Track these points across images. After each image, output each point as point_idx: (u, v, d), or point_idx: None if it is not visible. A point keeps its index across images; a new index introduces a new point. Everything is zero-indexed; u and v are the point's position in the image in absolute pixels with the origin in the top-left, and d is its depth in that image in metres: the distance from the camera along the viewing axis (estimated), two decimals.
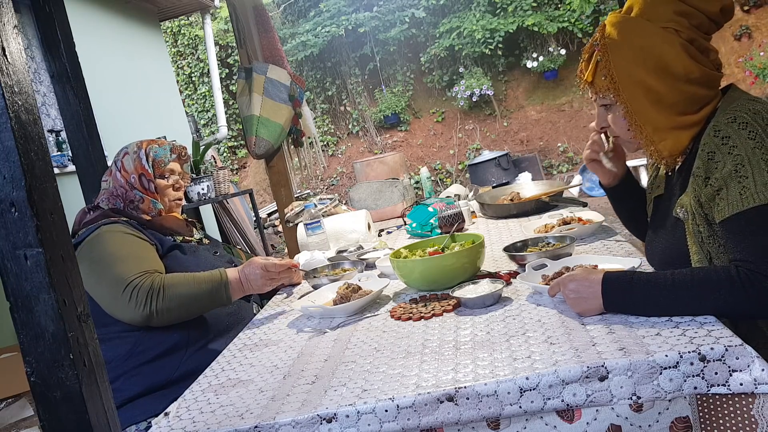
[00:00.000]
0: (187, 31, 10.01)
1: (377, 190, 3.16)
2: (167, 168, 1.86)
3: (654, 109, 1.21)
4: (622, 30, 1.22)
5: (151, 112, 5.11)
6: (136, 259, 1.61)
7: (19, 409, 2.99)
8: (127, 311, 1.54)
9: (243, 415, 1.06)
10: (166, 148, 1.87)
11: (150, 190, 1.81)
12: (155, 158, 1.83)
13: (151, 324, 1.56)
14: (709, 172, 1.12)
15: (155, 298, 1.53)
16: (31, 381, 0.92)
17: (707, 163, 1.13)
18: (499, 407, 0.97)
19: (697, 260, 1.19)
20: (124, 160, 1.82)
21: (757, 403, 0.93)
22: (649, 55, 1.19)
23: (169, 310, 1.55)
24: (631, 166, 7.11)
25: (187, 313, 1.60)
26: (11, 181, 0.87)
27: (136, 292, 1.52)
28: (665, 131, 1.22)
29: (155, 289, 1.54)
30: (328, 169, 9.47)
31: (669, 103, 1.20)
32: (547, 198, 2.32)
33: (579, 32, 8.54)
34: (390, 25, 9.26)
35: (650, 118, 1.22)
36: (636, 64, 1.20)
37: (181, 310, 1.57)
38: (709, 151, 1.12)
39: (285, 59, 3.56)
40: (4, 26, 0.88)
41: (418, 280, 1.55)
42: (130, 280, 1.54)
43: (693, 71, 1.18)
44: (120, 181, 1.80)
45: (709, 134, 1.13)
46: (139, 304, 1.52)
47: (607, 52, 1.23)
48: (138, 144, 1.85)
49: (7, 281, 0.89)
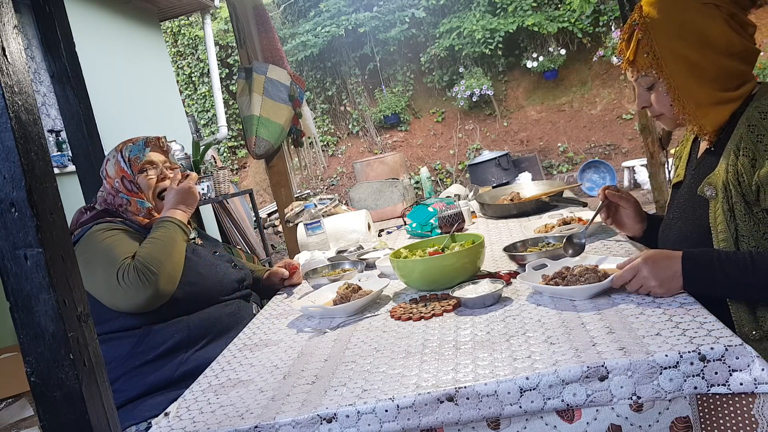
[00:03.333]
0: (187, 31, 10.01)
1: (377, 190, 3.16)
2: (145, 161, 1.80)
3: (696, 83, 1.24)
4: (663, 7, 1.25)
5: (151, 112, 5.11)
6: (123, 248, 1.61)
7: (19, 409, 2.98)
8: (130, 302, 1.54)
9: (243, 415, 1.06)
10: (140, 143, 1.82)
11: (133, 190, 1.78)
12: (130, 157, 1.79)
13: (159, 299, 1.56)
14: (758, 153, 1.16)
15: (145, 276, 1.53)
16: (31, 381, 0.92)
17: (756, 144, 1.16)
18: (499, 407, 0.97)
19: (722, 239, 1.21)
20: (107, 168, 1.80)
21: (757, 402, 0.93)
22: (690, 30, 1.22)
23: (160, 275, 1.55)
24: (631, 166, 7.12)
25: (176, 266, 1.62)
26: (11, 181, 0.87)
27: (128, 282, 1.52)
28: (707, 106, 1.25)
29: (138, 269, 1.54)
30: (328, 169, 9.47)
31: (711, 77, 1.23)
32: (547, 198, 2.32)
33: (579, 32, 8.54)
34: (390, 25, 9.26)
35: (693, 93, 1.25)
36: (678, 39, 1.23)
37: (169, 269, 1.59)
38: (758, 133, 1.16)
39: (285, 59, 3.56)
40: (4, 26, 0.88)
41: (418, 280, 1.55)
42: (117, 269, 1.54)
43: (735, 44, 1.21)
44: (107, 188, 1.79)
45: (754, 115, 1.18)
46: (138, 290, 1.52)
47: (648, 30, 1.25)
48: (116, 148, 1.82)
49: (7, 281, 0.89)
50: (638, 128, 4.40)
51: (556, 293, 1.30)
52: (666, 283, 1.16)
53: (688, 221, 1.32)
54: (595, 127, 8.42)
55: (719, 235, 1.22)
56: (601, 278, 1.26)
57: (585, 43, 8.66)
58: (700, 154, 1.37)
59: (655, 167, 3.87)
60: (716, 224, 1.22)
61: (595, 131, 8.39)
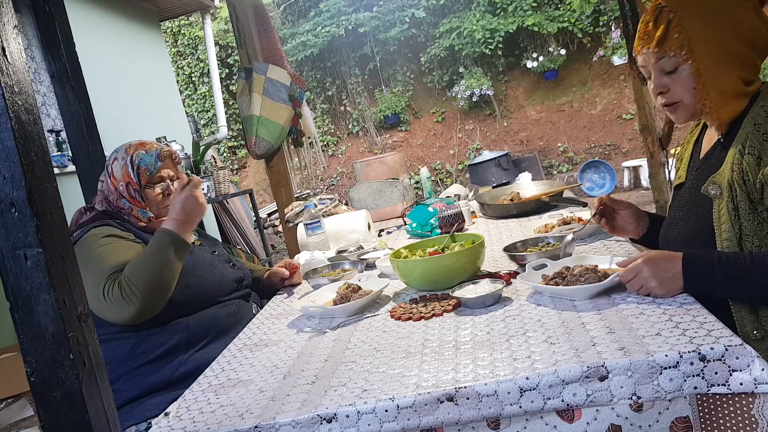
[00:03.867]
0: (187, 31, 10.01)
1: (377, 190, 3.16)
2: (156, 176, 1.77)
3: (725, 69, 1.23)
4: None
5: (151, 112, 5.11)
6: (113, 259, 1.58)
7: (19, 409, 2.98)
8: (114, 316, 1.52)
9: (243, 415, 1.06)
10: (153, 154, 1.77)
11: (137, 199, 1.75)
12: (141, 166, 1.75)
13: (143, 316, 1.53)
14: (764, 152, 1.16)
15: (128, 295, 1.49)
16: (31, 381, 0.92)
17: (762, 143, 1.17)
18: (499, 407, 0.97)
19: (726, 238, 1.21)
20: (113, 166, 1.76)
21: (757, 402, 0.93)
22: (723, 15, 1.22)
23: (144, 295, 1.50)
24: (631, 166, 7.12)
25: (165, 285, 1.55)
26: (11, 181, 0.87)
27: (112, 298, 1.50)
28: (729, 96, 1.24)
29: (123, 287, 1.50)
30: (328, 169, 9.47)
31: (737, 65, 1.23)
32: (547, 198, 2.32)
33: (579, 32, 8.54)
34: (390, 25, 9.26)
35: (719, 80, 1.23)
36: (711, 22, 1.22)
37: (156, 289, 1.52)
38: (764, 131, 1.17)
39: (285, 59, 3.56)
40: (4, 26, 0.88)
41: (418, 280, 1.55)
42: (103, 285, 1.51)
43: (759, 35, 1.22)
44: (110, 187, 1.76)
45: (761, 114, 1.18)
46: (121, 307, 1.49)
47: (679, 11, 1.24)
48: (126, 149, 1.78)
49: (7, 281, 0.89)
50: (638, 128, 4.40)
51: (556, 293, 1.30)
52: (666, 284, 1.16)
53: (691, 222, 1.32)
54: (595, 127, 8.42)
55: (723, 234, 1.22)
56: (601, 278, 1.26)
57: (585, 43, 8.67)
58: (703, 154, 1.37)
59: (655, 167, 3.87)
60: (720, 223, 1.22)
61: (595, 131, 8.39)
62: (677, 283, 1.16)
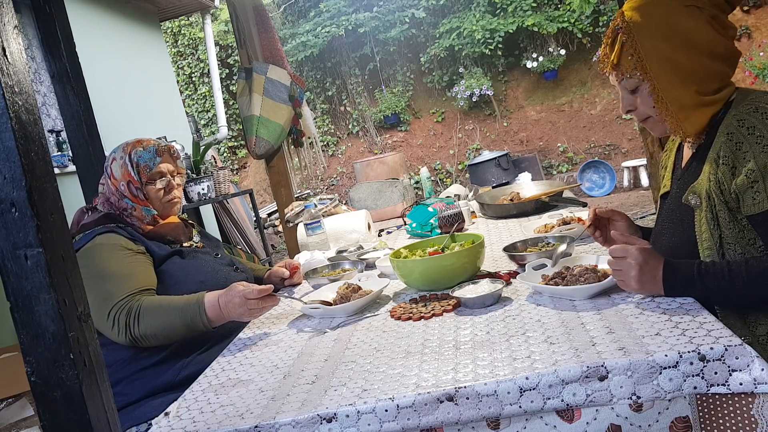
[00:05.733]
0: (187, 31, 10.01)
1: (377, 190, 3.16)
2: (156, 171, 1.76)
3: (680, 85, 1.24)
4: (646, 10, 1.24)
5: (151, 112, 5.11)
6: (123, 277, 1.57)
7: (19, 409, 2.98)
8: (112, 335, 1.53)
9: (243, 415, 1.06)
10: (151, 150, 1.76)
11: (139, 197, 1.74)
12: (140, 163, 1.74)
13: (140, 346, 1.54)
14: (737, 161, 1.16)
15: (133, 325, 1.50)
16: (31, 381, 0.92)
17: (735, 152, 1.16)
18: (499, 407, 0.97)
19: (707, 247, 1.21)
20: (112, 167, 1.76)
21: (757, 402, 0.93)
22: (675, 31, 1.22)
23: (146, 337, 1.51)
24: (631, 166, 7.12)
25: (168, 340, 1.56)
26: (11, 181, 0.87)
27: (117, 319, 1.50)
28: (689, 109, 1.24)
29: (132, 315, 1.50)
30: (328, 169, 9.47)
31: (694, 78, 1.23)
32: (546, 198, 2.33)
33: (579, 32, 8.54)
34: (390, 25, 9.26)
35: (676, 95, 1.24)
36: (662, 40, 1.22)
37: (159, 338, 1.53)
38: (737, 141, 1.16)
39: (285, 59, 3.56)
40: (4, 26, 0.88)
41: (418, 280, 1.55)
42: (113, 305, 1.51)
43: (718, 45, 1.21)
44: (111, 188, 1.75)
45: (733, 123, 1.18)
46: (120, 331, 1.50)
47: (632, 33, 1.25)
48: (123, 148, 1.77)
49: (8, 281, 0.89)
50: (638, 128, 4.40)
51: (555, 293, 1.30)
52: (645, 283, 1.17)
53: (677, 231, 1.31)
54: (595, 127, 8.42)
55: (704, 243, 1.22)
56: (601, 278, 1.26)
57: (585, 43, 8.67)
58: (684, 164, 1.37)
59: (655, 167, 3.87)
60: (701, 232, 1.23)
61: (595, 131, 8.39)
62: (655, 286, 1.17)
